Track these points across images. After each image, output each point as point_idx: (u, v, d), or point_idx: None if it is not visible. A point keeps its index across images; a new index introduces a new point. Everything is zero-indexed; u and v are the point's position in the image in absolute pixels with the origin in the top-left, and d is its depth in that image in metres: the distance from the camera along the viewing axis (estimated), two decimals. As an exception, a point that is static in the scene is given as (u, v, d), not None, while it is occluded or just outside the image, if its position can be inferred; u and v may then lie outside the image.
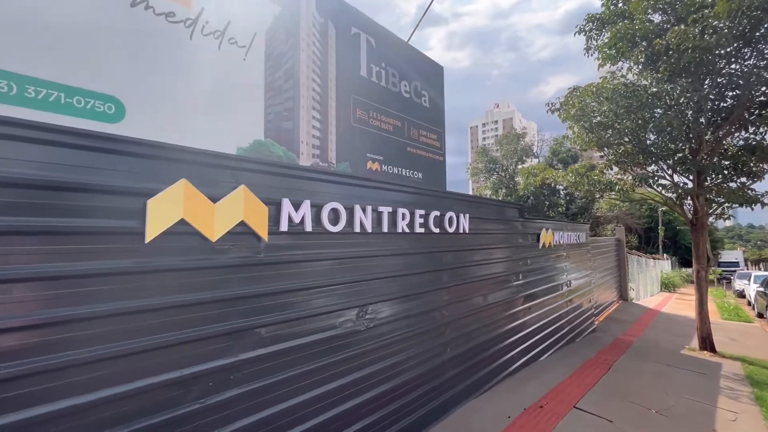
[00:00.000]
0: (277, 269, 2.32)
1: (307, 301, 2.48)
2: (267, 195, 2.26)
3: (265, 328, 2.23)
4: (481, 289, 4.37)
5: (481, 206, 4.50)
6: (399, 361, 3.14)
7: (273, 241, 2.30)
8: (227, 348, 2.05)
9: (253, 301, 2.19)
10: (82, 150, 1.58)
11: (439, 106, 6.15)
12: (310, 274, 2.51)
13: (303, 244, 2.47)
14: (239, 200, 2.11)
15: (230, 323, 2.06)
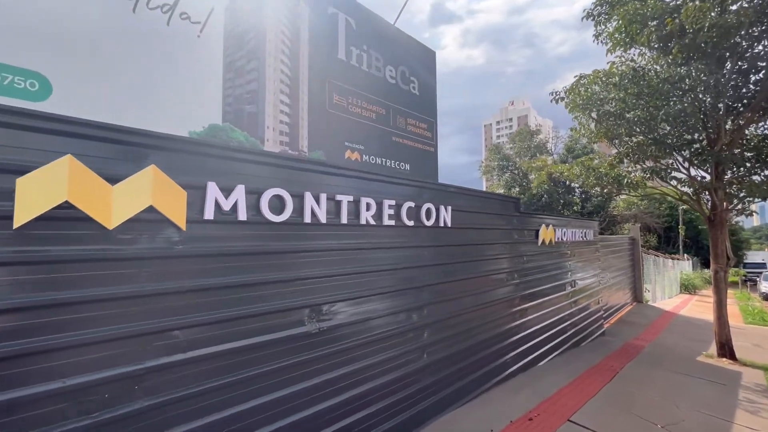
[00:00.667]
0: (200, 263, 2.02)
1: (241, 300, 2.17)
2: (188, 177, 1.96)
3: (181, 331, 1.93)
4: (467, 288, 4.00)
5: (467, 198, 4.13)
6: (362, 367, 2.81)
7: (195, 231, 2.00)
8: (129, 354, 1.76)
9: (168, 300, 1.90)
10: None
11: (430, 93, 5.79)
12: (246, 269, 2.20)
13: (235, 235, 2.16)
14: (147, 182, 1.82)
15: (134, 325, 1.77)
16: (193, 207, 1.99)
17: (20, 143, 1.51)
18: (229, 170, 2.14)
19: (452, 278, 3.81)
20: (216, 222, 2.07)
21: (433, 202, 3.57)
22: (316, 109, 4.10)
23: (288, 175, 2.42)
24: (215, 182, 2.06)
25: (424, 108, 5.63)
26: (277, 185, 2.35)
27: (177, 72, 3.07)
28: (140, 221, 1.80)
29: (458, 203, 3.93)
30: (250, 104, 3.55)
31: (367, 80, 4.70)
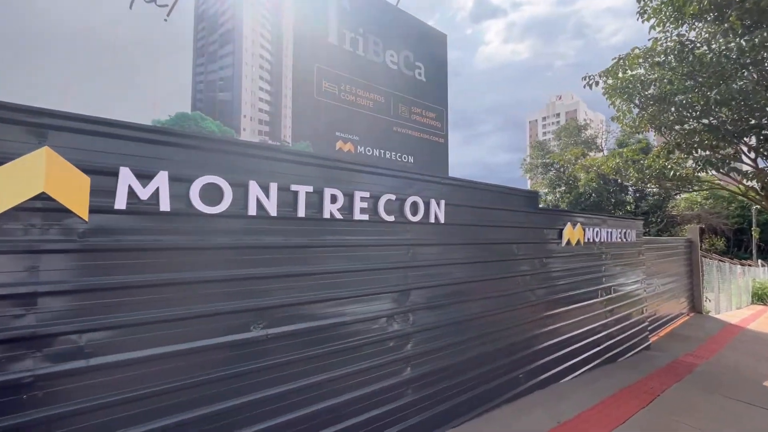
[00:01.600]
0: (109, 258, 1.79)
1: (162, 300, 1.92)
2: (93, 161, 1.74)
3: (84, 335, 1.71)
4: (466, 294, 3.54)
5: (467, 192, 3.66)
6: (320, 381, 2.48)
7: (102, 222, 1.78)
8: (11, 359, 1.56)
9: (66, 299, 1.68)
10: None
11: (440, 80, 5.33)
12: (168, 266, 1.95)
13: (155, 228, 1.92)
14: (38, 165, 1.61)
15: (18, 326, 1.57)
16: (102, 194, 1.77)
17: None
18: (148, 154, 1.91)
19: (445, 281, 3.37)
20: (129, 212, 1.84)
21: (420, 195, 3.16)
22: (301, 97, 3.83)
23: (226, 160, 2.15)
24: (130, 167, 1.83)
25: (432, 96, 5.19)
26: (214, 172, 2.09)
27: (141, 59, 2.91)
28: (29, 210, 1.60)
29: (455, 197, 3.48)
30: (223, 91, 3.34)
31: (363, 66, 4.37)
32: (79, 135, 1.73)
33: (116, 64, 2.79)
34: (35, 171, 1.60)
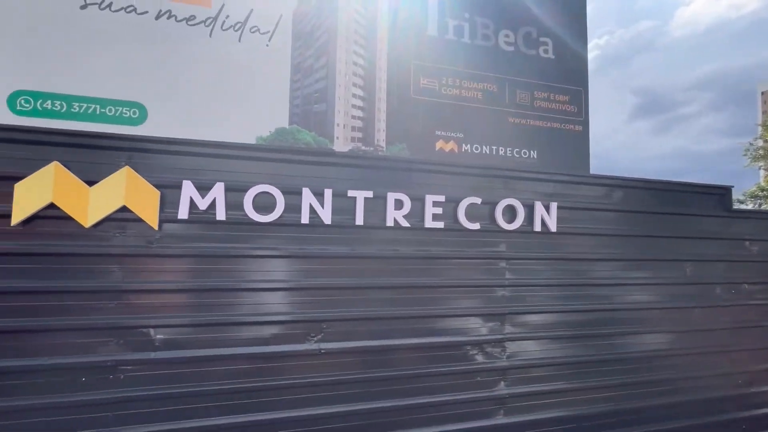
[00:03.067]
0: (174, 263, 2.00)
1: (222, 305, 2.04)
2: (161, 176, 1.98)
3: (153, 330, 1.94)
4: (602, 324, 2.68)
5: (594, 190, 2.77)
6: (377, 408, 2.22)
7: (169, 231, 1.99)
8: (103, 345, 1.88)
9: (140, 297, 1.95)
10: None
11: (576, 54, 4.28)
12: (226, 272, 2.06)
13: (213, 236, 2.05)
14: (120, 183, 1.91)
15: (106, 318, 1.89)
16: (171, 206, 1.98)
17: (18, 154, 1.82)
18: (207, 167, 2.06)
19: (559, 307, 2.61)
20: (190, 222, 2.01)
21: (518, 197, 2.54)
22: (395, 98, 3.65)
23: (277, 169, 2.15)
24: (191, 180, 2.00)
25: (565, 74, 4.22)
26: (267, 181, 2.11)
27: (247, 82, 3.29)
28: (115, 220, 1.91)
29: (573, 199, 2.68)
30: (318, 103, 3.46)
31: (469, 54, 3.89)
32: (151, 154, 1.98)
33: (226, 88, 3.21)
34: (118, 188, 1.91)
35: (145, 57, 3.11)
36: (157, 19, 3.15)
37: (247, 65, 3.31)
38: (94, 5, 3.00)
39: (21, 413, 1.78)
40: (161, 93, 3.13)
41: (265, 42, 3.36)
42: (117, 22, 3.04)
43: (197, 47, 3.22)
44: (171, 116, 3.14)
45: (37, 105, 2.88)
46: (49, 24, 2.93)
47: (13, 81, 2.83)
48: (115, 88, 3.04)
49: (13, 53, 2.84)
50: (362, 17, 3.64)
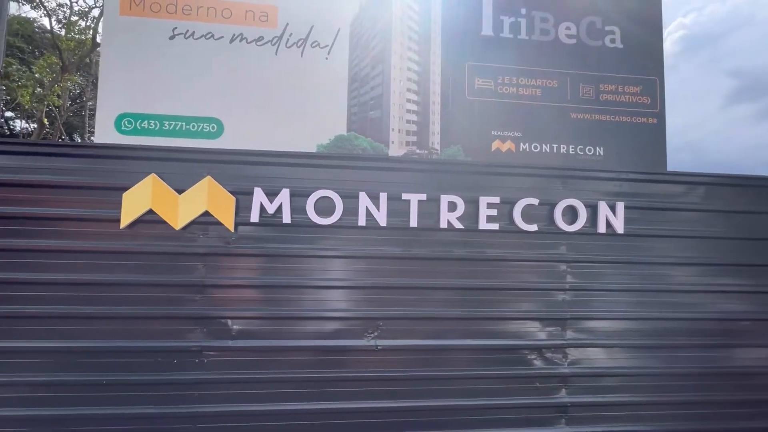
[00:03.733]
0: (245, 262, 2.23)
1: (282, 300, 2.23)
2: (236, 184, 2.22)
3: (230, 321, 2.19)
4: (685, 334, 2.47)
5: (668, 188, 2.55)
6: (431, 406, 2.26)
7: (243, 233, 2.23)
8: (190, 332, 2.16)
9: (220, 291, 2.21)
10: (70, 157, 2.13)
11: (649, 40, 3.94)
12: (291, 271, 2.25)
13: (279, 237, 2.25)
14: (203, 191, 2.18)
15: (192, 309, 2.17)
16: (244, 210, 2.22)
17: (133, 168, 2.16)
18: (275, 174, 2.26)
19: (631, 314, 2.45)
20: (260, 224, 2.23)
21: (579, 197, 2.44)
22: (450, 101, 3.66)
23: (336, 175, 2.29)
24: (261, 187, 2.22)
25: (636, 63, 3.90)
26: (327, 186, 2.27)
27: (309, 94, 3.52)
28: (199, 223, 2.19)
29: (644, 198, 2.49)
30: (374, 110, 3.59)
31: (526, 51, 3.77)
32: (227, 165, 2.23)
33: (291, 100, 3.47)
34: (202, 195, 2.18)
35: (221, 77, 3.48)
36: (231, 43, 3.50)
37: (309, 78, 3.55)
38: (180, 35, 3.43)
39: (128, 386, 2.11)
40: (235, 108, 3.47)
41: (324, 55, 3.57)
42: (198, 48, 3.44)
43: (265, 64, 3.52)
44: (244, 129, 3.47)
45: (137, 125, 3.36)
46: (144, 54, 3.41)
47: (119, 105, 3.35)
48: (196, 106, 3.44)
49: (119, 82, 3.35)
50: (416, 23, 3.71)
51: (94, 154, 2.18)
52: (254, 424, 2.17)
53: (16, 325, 2.06)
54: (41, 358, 2.08)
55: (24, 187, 2.11)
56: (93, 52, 17.09)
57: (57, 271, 2.11)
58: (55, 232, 2.12)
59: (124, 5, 3.34)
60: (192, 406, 2.14)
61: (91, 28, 16.61)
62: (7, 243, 2.07)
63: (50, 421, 2.06)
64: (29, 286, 2.09)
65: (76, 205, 2.14)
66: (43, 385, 2.09)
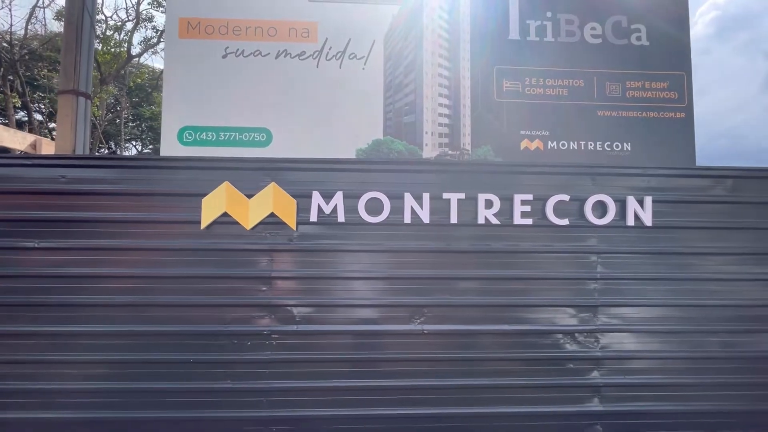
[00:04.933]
0: (309, 256, 2.54)
1: (339, 290, 2.53)
2: (297, 189, 2.53)
3: (296, 308, 2.50)
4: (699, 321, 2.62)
5: (698, 182, 2.70)
6: (469, 384, 2.51)
7: (304, 231, 2.54)
8: (261, 318, 2.49)
9: (287, 282, 2.53)
10: (158, 169, 2.49)
11: (675, 36, 4.01)
12: (345, 264, 2.55)
13: (335, 234, 2.54)
14: (269, 195, 2.51)
15: (262, 298, 2.50)
16: (305, 211, 2.53)
17: (203, 177, 2.51)
18: (329, 179, 2.55)
19: (658, 301, 2.62)
20: (319, 223, 2.53)
21: (608, 192, 2.62)
22: (479, 103, 3.87)
23: (382, 178, 2.56)
24: (318, 190, 2.52)
25: (662, 59, 3.99)
26: (375, 189, 2.55)
27: (348, 102, 3.82)
28: (266, 224, 2.51)
29: (671, 192, 2.65)
30: (409, 115, 3.85)
31: (552, 53, 3.93)
32: (289, 171, 2.54)
33: (331, 109, 3.78)
34: (268, 199, 2.50)
35: (268, 90, 3.82)
36: (276, 59, 3.84)
37: (347, 87, 3.83)
38: (231, 54, 3.79)
39: (210, 364, 2.46)
40: (282, 118, 3.81)
41: (361, 66, 3.85)
42: (248, 65, 3.79)
43: (307, 77, 3.84)
44: (290, 137, 3.80)
45: (197, 136, 3.75)
46: (201, 72, 3.79)
47: (181, 119, 3.74)
48: (247, 118, 3.80)
49: (180, 98, 3.74)
50: (445, 32, 3.93)
51: (178, 165, 2.54)
52: (316, 398, 2.48)
53: (119, 312, 2.44)
54: (138, 339, 2.46)
55: (122, 195, 2.48)
56: (128, 65, 18.14)
57: (149, 266, 2.49)
58: (146, 233, 2.49)
59: (182, 29, 3.73)
60: (264, 382, 2.47)
61: (126, 41, 17.63)
62: (108, 243, 2.45)
63: (143, 393, 2.44)
64: (127, 279, 2.47)
65: (164, 210, 2.50)
66: (139, 362, 2.46)
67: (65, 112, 3.66)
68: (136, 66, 19.84)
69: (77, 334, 2.42)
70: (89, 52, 3.79)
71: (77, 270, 2.44)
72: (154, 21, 17.12)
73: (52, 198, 2.47)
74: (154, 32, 17.15)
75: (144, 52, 17.96)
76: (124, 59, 17.23)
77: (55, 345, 2.42)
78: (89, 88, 3.82)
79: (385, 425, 2.48)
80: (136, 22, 16.68)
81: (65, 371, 2.44)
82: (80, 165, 2.53)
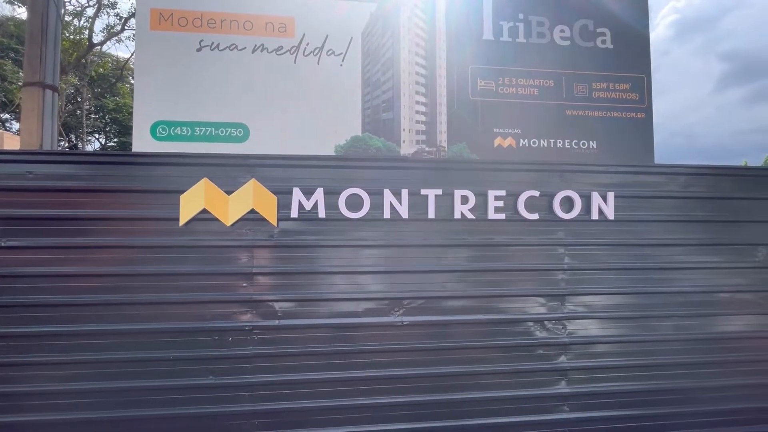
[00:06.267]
0: (291, 252, 2.57)
1: (320, 284, 2.58)
2: (277, 185, 2.55)
3: (277, 303, 2.53)
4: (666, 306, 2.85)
5: (653, 179, 2.91)
6: (449, 372, 2.63)
7: (284, 227, 2.56)
8: (240, 313, 2.51)
9: (268, 277, 2.55)
10: (133, 165, 2.45)
11: (636, 41, 4.26)
12: (326, 259, 2.59)
13: (315, 230, 2.58)
14: (249, 192, 2.51)
15: (243, 294, 2.51)
16: (285, 208, 2.55)
17: (181, 174, 2.48)
18: (309, 176, 2.59)
19: (621, 289, 2.82)
20: (300, 219, 2.56)
21: (574, 189, 2.78)
22: (455, 101, 3.98)
23: (362, 174, 2.62)
24: (299, 187, 2.55)
25: (625, 62, 4.24)
26: (356, 185, 2.60)
27: (326, 99, 3.83)
28: (246, 220, 2.51)
29: (630, 189, 2.85)
30: (386, 112, 3.91)
31: (524, 53, 4.09)
32: (269, 168, 2.56)
33: (309, 105, 3.78)
34: (248, 195, 2.50)
35: (245, 85, 3.78)
36: (253, 53, 3.80)
37: (325, 84, 3.84)
38: (206, 47, 3.71)
39: (192, 361, 2.45)
40: (259, 113, 3.78)
41: (339, 62, 3.87)
42: (224, 58, 3.73)
43: (285, 72, 3.82)
44: (267, 133, 3.78)
45: (171, 131, 3.66)
46: (175, 66, 3.70)
47: (154, 114, 3.64)
48: (224, 113, 3.75)
49: (153, 92, 3.64)
50: (422, 30, 4.01)
51: (155, 161, 2.50)
52: (299, 391, 2.53)
53: (99, 311, 2.40)
54: (118, 338, 2.42)
55: (95, 192, 2.42)
56: (89, 53, 17.18)
57: (126, 264, 2.45)
58: (123, 231, 2.45)
59: (154, 20, 3.62)
60: (247, 377, 2.49)
61: (86, 29, 16.68)
62: (81, 241, 2.39)
63: (121, 392, 2.41)
64: (101, 278, 2.42)
65: (140, 207, 2.46)
66: (116, 362, 2.43)
67: (31, 106, 3.48)
68: (99, 55, 18.84)
69: (48, 334, 2.36)
70: (56, 42, 3.60)
71: (47, 269, 2.38)
72: (117, 8, 16.28)
73: (19, 195, 2.38)
74: (117, 20, 16.29)
75: (107, 40, 17.03)
76: (85, 47, 16.31)
77: (25, 346, 2.35)
78: (56, 81, 3.65)
79: (370, 414, 2.56)
80: (98, 7, 15.80)
81: (36, 373, 2.37)
82: (49, 161, 2.44)
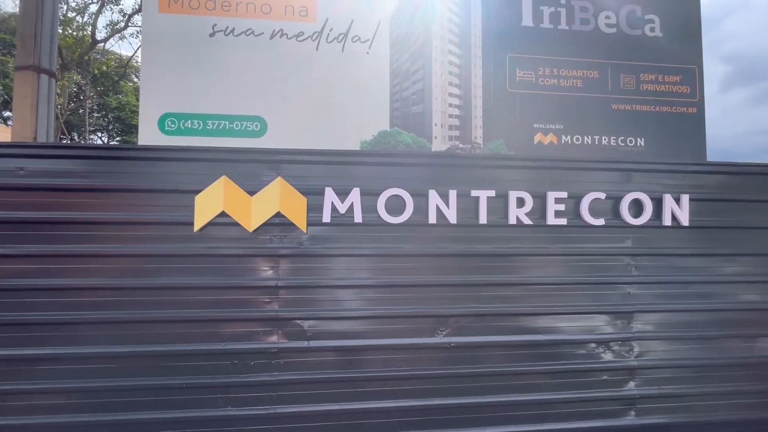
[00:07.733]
0: (318, 262, 2.22)
1: (355, 300, 2.23)
2: (307, 185, 2.20)
3: (306, 321, 2.18)
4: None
5: (736, 179, 2.55)
6: (501, 402, 2.27)
7: (315, 233, 2.21)
8: (264, 333, 2.15)
9: (296, 292, 2.19)
10: (133, 160, 2.10)
11: (687, 29, 3.90)
12: (362, 270, 2.24)
13: (350, 237, 2.23)
14: (275, 192, 2.16)
15: (265, 311, 2.16)
16: (316, 210, 2.20)
17: (196, 171, 2.13)
18: (345, 174, 2.24)
19: (701, 306, 2.46)
20: (332, 224, 2.21)
21: (645, 190, 2.43)
22: (491, 94, 3.63)
23: (397, 173, 2.27)
24: (332, 187, 2.20)
25: (675, 52, 3.88)
26: (398, 185, 2.24)
27: (351, 90, 3.49)
28: (271, 225, 2.17)
29: (709, 190, 2.49)
30: (416, 105, 3.56)
31: (567, 41, 3.73)
32: (298, 165, 2.21)
33: (332, 96, 3.44)
34: (274, 196, 2.15)
35: (262, 74, 3.42)
36: (271, 39, 3.44)
37: (350, 73, 3.49)
38: (220, 32, 3.37)
39: (207, 389, 2.10)
40: (277, 106, 3.43)
41: (365, 50, 3.51)
42: (239, 45, 3.38)
43: (306, 60, 3.47)
44: (287, 126, 3.43)
45: (180, 125, 3.32)
46: (185, 53, 3.35)
47: (162, 105, 3.29)
48: (239, 105, 3.39)
49: (161, 81, 3.29)
50: (456, 15, 3.65)
51: (165, 156, 2.15)
52: (331, 423, 2.18)
53: (98, 330, 2.05)
54: (119, 363, 2.07)
55: (95, 192, 2.07)
56: (92, 50, 16.87)
57: (131, 276, 2.10)
58: (128, 237, 2.10)
59: (163, 2, 3.27)
60: (271, 408, 2.14)
61: (89, 25, 16.37)
62: (79, 249, 2.04)
63: (127, 425, 2.06)
64: (105, 291, 2.07)
65: (148, 210, 2.11)
66: (119, 390, 2.07)
67: (23, 93, 3.11)
68: (101, 52, 18.54)
69: (38, 358, 2.01)
70: (53, 20, 3.22)
71: (39, 282, 2.03)
72: (121, 4, 15.98)
73: (7, 195, 2.03)
74: (121, 16, 15.98)
75: (110, 37, 16.74)
76: (88, 44, 16.00)
77: (12, 372, 2.00)
78: (53, 65, 3.28)
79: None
80: (101, 4, 15.50)
81: (25, 403, 2.02)
82: (43, 155, 2.09)
